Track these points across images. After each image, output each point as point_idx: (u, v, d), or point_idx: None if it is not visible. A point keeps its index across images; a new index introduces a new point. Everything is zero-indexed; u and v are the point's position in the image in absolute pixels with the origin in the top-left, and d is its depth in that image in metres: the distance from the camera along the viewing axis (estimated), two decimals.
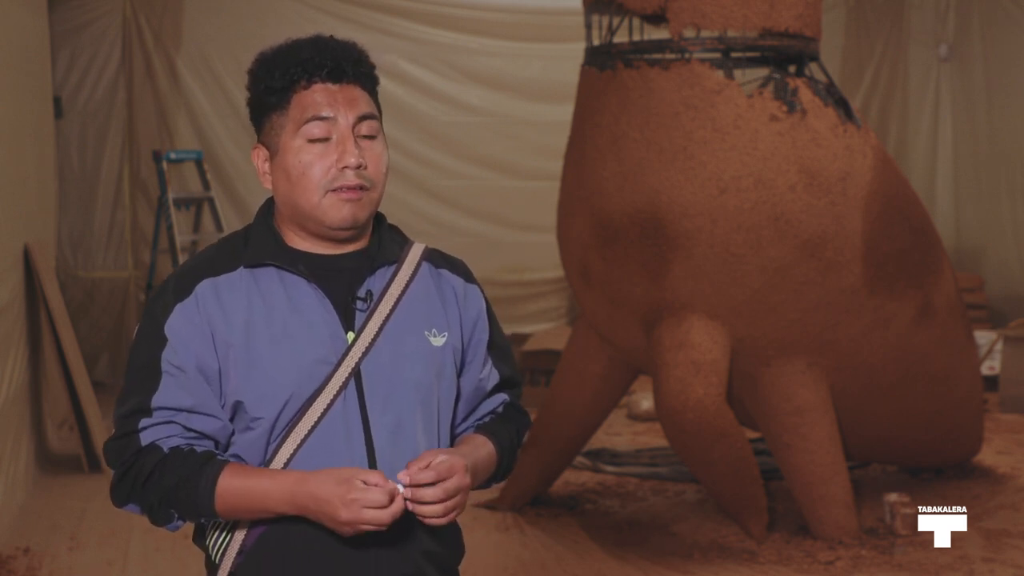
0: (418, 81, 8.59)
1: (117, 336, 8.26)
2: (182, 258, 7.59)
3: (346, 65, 1.81)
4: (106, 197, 8.23)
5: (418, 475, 1.71)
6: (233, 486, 1.73)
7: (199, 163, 7.93)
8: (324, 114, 1.79)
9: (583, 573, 4.48)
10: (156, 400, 1.76)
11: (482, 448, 1.89)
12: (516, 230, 8.87)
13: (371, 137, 1.82)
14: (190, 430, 1.77)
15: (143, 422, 1.76)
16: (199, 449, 1.76)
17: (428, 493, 1.71)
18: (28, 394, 5.67)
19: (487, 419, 1.97)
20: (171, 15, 8.18)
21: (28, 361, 5.70)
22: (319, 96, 1.79)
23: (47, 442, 6.16)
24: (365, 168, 1.80)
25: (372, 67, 1.86)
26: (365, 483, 1.68)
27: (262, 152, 1.85)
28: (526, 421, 2.02)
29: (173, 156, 7.82)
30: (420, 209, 8.57)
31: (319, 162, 1.79)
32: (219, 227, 7.82)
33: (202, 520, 1.79)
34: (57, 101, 7.81)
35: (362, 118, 1.81)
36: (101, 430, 5.85)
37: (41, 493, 5.50)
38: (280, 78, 1.80)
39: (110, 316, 8.29)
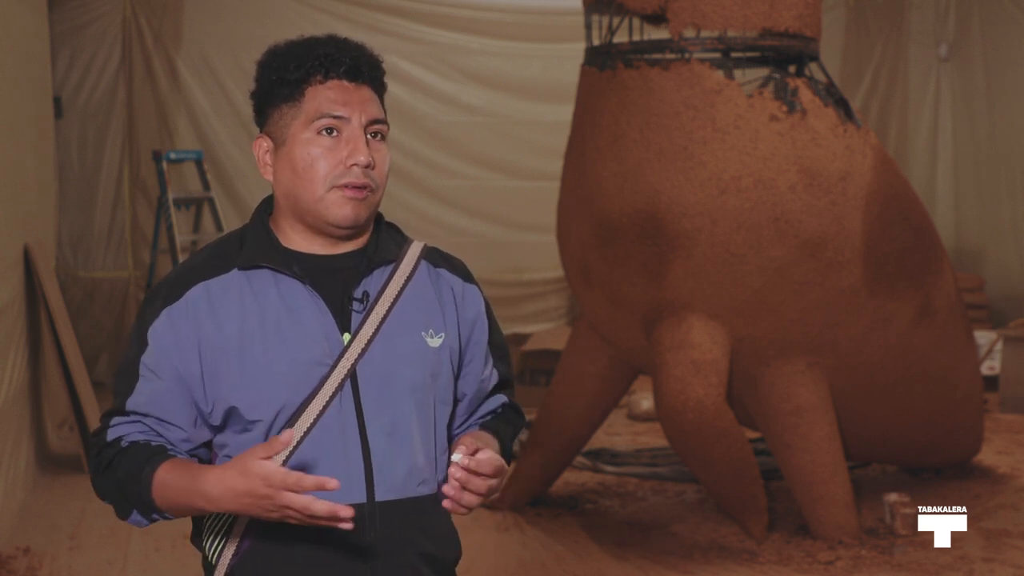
0: (418, 81, 8.60)
1: (117, 336, 8.26)
2: (182, 258, 7.58)
3: (363, 66, 1.82)
4: (106, 197, 8.24)
5: (473, 462, 1.70)
6: (167, 480, 1.71)
7: (199, 163, 7.93)
8: (338, 113, 1.79)
9: (583, 573, 4.48)
10: (130, 403, 1.78)
11: (491, 445, 1.88)
12: (516, 230, 8.87)
13: (380, 139, 1.83)
14: (156, 432, 1.78)
15: (115, 420, 1.78)
16: (154, 443, 1.77)
17: (479, 483, 1.71)
18: (28, 394, 5.67)
19: (488, 419, 1.97)
20: (171, 15, 8.19)
21: (28, 361, 5.70)
22: (334, 93, 1.79)
23: (47, 442, 6.16)
24: (373, 168, 1.80)
25: (384, 72, 1.87)
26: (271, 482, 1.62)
27: (265, 143, 1.85)
28: (523, 422, 2.02)
29: (173, 156, 7.82)
30: (420, 209, 8.57)
31: (327, 156, 1.78)
32: (219, 227, 7.81)
33: (153, 515, 1.76)
34: (57, 101, 7.81)
35: (373, 122, 1.82)
36: None
37: (41, 493, 5.50)
38: (295, 70, 1.79)
39: (110, 316, 8.29)
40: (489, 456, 1.73)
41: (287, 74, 1.80)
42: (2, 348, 4.96)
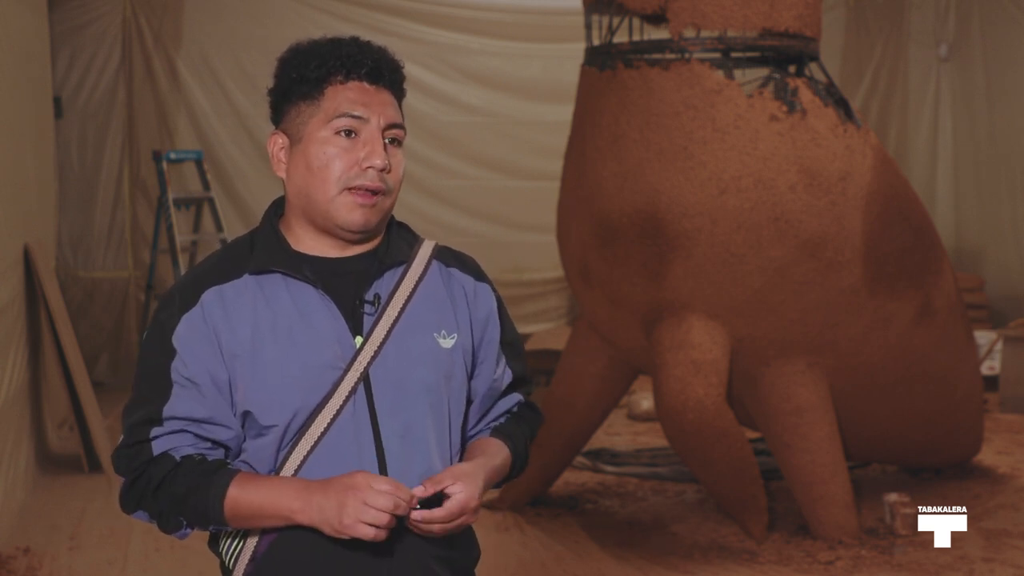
0: (418, 81, 8.59)
1: (117, 336, 8.26)
2: (182, 258, 7.60)
3: (384, 69, 1.81)
4: (106, 197, 8.24)
5: (429, 514, 1.73)
6: (242, 495, 1.72)
7: (199, 163, 7.93)
8: (357, 113, 1.78)
9: (583, 573, 4.48)
10: (167, 410, 1.75)
11: (498, 456, 1.89)
12: (516, 230, 8.87)
13: (396, 145, 1.82)
14: (203, 439, 1.76)
15: (154, 431, 1.75)
16: (210, 458, 1.76)
17: (433, 528, 1.74)
18: (28, 394, 5.67)
19: (502, 420, 1.97)
20: (171, 15, 8.19)
21: (28, 361, 5.70)
22: (354, 94, 1.79)
23: (47, 442, 6.16)
24: (388, 172, 1.79)
25: (403, 78, 1.86)
26: (374, 487, 1.69)
27: (280, 140, 1.84)
28: (539, 419, 2.02)
29: (173, 156, 7.82)
30: (420, 209, 8.57)
31: (344, 156, 1.78)
32: (219, 227, 7.82)
33: (211, 528, 1.77)
34: (57, 101, 7.81)
35: (392, 126, 1.81)
36: (101, 430, 5.85)
37: (41, 493, 5.50)
38: (317, 68, 1.79)
39: (110, 316, 8.29)
40: (455, 499, 1.74)
41: (308, 72, 1.79)
42: (2, 348, 4.96)
